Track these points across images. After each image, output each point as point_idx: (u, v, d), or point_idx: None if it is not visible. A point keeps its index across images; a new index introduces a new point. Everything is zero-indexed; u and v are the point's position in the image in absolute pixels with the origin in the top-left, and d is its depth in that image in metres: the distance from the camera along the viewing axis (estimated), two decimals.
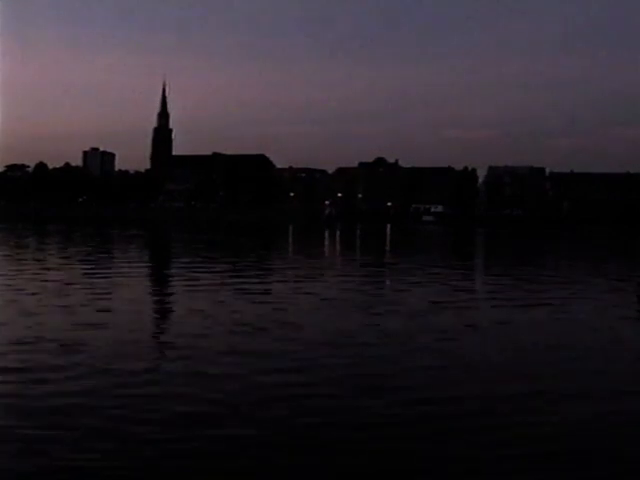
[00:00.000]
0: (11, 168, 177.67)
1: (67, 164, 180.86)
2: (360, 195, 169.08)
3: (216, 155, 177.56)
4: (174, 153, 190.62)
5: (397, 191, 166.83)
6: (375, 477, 6.43)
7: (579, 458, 6.93)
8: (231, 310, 15.29)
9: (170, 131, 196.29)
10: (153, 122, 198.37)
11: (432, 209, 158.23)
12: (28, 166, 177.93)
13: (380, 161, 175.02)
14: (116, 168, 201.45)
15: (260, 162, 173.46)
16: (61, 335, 11.93)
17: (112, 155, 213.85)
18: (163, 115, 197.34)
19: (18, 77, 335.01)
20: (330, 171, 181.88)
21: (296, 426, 7.59)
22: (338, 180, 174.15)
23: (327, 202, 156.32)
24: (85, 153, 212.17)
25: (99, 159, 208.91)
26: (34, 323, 13.00)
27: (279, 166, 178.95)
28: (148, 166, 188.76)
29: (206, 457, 6.69)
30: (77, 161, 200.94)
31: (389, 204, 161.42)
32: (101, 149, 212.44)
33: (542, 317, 15.34)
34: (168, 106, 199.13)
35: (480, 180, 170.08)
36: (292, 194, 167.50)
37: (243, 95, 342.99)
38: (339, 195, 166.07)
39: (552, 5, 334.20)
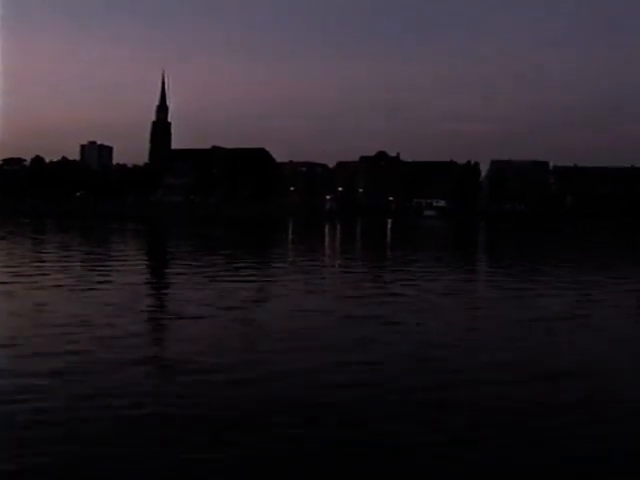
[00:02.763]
0: (7, 162, 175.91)
1: (64, 158, 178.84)
2: (361, 189, 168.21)
3: (215, 149, 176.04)
4: (173, 147, 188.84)
5: (398, 185, 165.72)
6: None
7: None
8: None
9: (169, 124, 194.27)
10: (152, 115, 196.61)
11: (434, 204, 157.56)
12: (25, 160, 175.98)
13: (381, 155, 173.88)
14: (114, 162, 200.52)
15: (260, 156, 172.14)
16: None
17: (110, 149, 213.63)
18: (162, 108, 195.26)
19: (15, 70, 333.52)
20: (331, 165, 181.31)
21: None
22: (339, 174, 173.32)
23: (328, 197, 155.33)
24: (83, 147, 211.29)
25: (97, 153, 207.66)
26: None
27: (279, 160, 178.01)
28: (147, 160, 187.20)
29: None
30: (74, 155, 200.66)
31: (390, 198, 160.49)
32: (99, 143, 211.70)
33: None
34: (167, 99, 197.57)
35: (483, 174, 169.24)
36: (292, 188, 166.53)
37: (243, 88, 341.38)
38: (340, 189, 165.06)
39: None
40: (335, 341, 12.40)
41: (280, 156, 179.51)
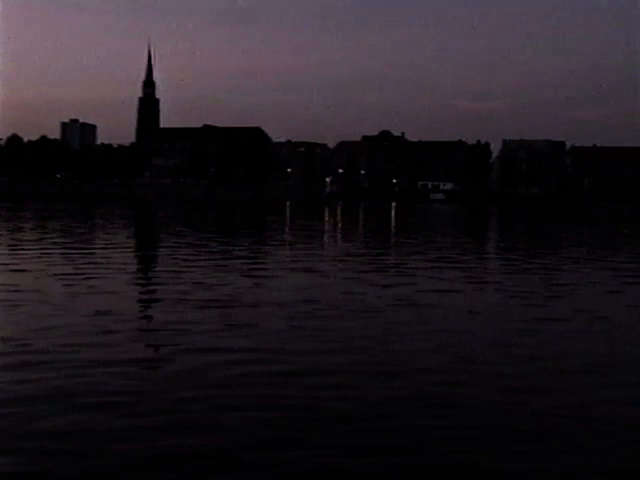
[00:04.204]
0: None
1: (44, 137, 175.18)
2: (363, 171, 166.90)
3: (207, 127, 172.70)
4: (161, 125, 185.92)
5: (403, 167, 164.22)
6: None
7: None
8: None
9: (157, 101, 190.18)
10: (138, 91, 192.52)
11: (441, 186, 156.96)
12: (0, 138, 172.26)
13: (385, 134, 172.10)
14: (98, 141, 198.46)
15: (255, 135, 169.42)
16: None
17: (93, 127, 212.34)
18: (149, 83, 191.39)
19: None
20: (331, 145, 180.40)
21: None
22: (339, 155, 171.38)
23: (328, 179, 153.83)
24: (64, 125, 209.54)
25: (79, 131, 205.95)
26: None
27: (276, 140, 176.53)
28: (133, 139, 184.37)
29: None
30: (55, 134, 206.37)
31: (394, 181, 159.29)
32: (81, 120, 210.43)
33: None
34: (154, 73, 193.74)
35: (494, 155, 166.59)
36: (290, 170, 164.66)
37: (237, 61, 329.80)
38: (340, 171, 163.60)
39: None
40: None
41: (277, 135, 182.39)
